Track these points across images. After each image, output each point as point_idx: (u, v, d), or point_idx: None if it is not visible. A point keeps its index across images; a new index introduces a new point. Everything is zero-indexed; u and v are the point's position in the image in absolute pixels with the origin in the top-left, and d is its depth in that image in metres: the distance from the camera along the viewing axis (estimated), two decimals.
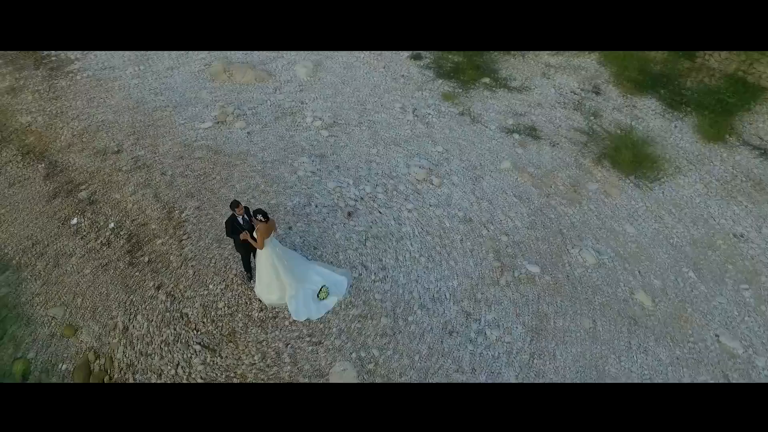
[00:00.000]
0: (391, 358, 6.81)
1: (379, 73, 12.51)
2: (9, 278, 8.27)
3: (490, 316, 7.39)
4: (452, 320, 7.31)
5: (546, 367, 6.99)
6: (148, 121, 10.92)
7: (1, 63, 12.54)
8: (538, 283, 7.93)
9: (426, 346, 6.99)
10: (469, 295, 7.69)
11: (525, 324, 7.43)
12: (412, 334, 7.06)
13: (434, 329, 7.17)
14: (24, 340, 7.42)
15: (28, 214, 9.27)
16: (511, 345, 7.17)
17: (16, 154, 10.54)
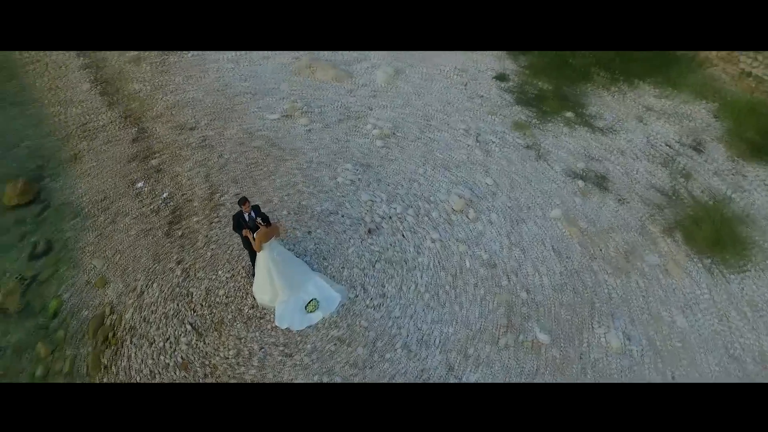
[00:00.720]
0: None
1: (457, 89, 11.99)
2: (76, 224, 9.47)
3: (473, 376, 6.75)
4: (431, 370, 6.81)
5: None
6: (227, 105, 11.72)
7: None
8: (542, 354, 7.04)
9: None
10: (461, 347, 7.10)
11: None
12: (383, 373, 6.72)
13: (408, 374, 6.74)
14: (66, 281, 8.47)
15: (109, 171, 10.52)
16: None
17: (119, 116, 12.01)
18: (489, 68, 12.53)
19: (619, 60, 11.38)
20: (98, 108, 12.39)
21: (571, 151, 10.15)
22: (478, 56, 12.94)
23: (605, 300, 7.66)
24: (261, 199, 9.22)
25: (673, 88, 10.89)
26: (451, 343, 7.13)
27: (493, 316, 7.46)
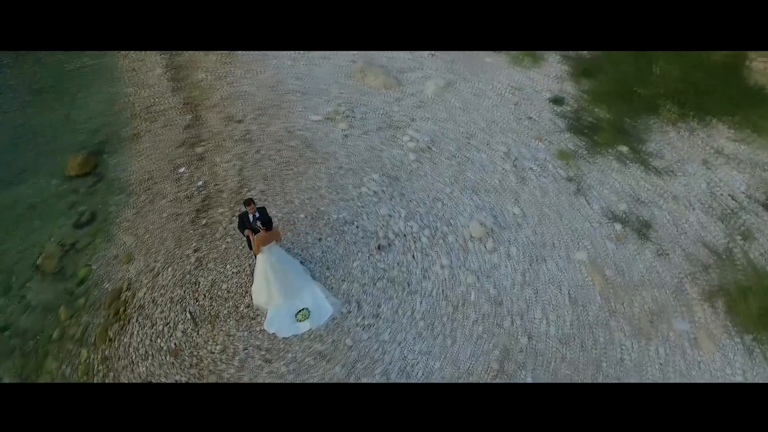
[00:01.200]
0: None
1: (507, 108, 11.40)
2: (120, 200, 10.19)
3: None
4: None
5: None
6: (276, 101, 12.04)
7: None
8: None
9: None
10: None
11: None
12: None
13: None
14: (98, 252, 9.15)
15: (159, 153, 11.21)
16: None
17: (180, 102, 12.75)
18: (546, 89, 11.78)
19: (694, 92, 10.18)
20: (164, 92, 13.24)
21: (617, 189, 9.27)
22: (536, 75, 12.23)
23: (615, 363, 6.91)
24: (283, 200, 9.38)
25: (752, 130, 9.57)
26: (434, 379, 6.80)
27: (486, 358, 7.02)
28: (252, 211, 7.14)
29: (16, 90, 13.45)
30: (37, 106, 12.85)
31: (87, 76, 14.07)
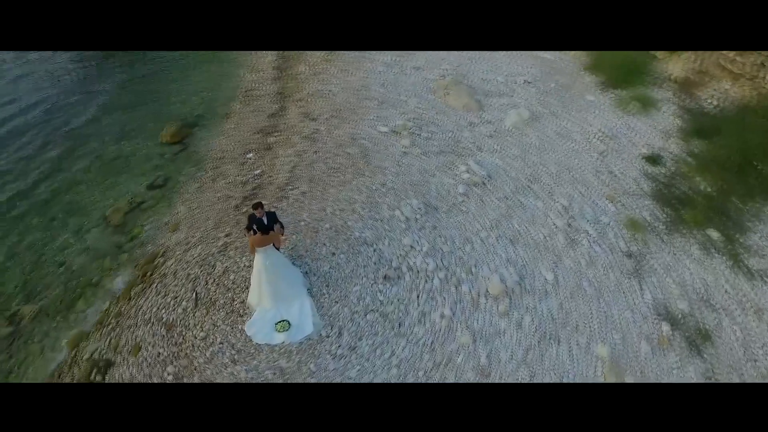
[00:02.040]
0: None
1: (588, 157, 10.06)
2: (191, 172, 11.19)
3: None
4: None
5: None
6: (353, 105, 12.16)
7: None
8: None
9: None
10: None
11: None
12: None
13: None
14: (156, 216, 10.17)
15: (239, 136, 12.06)
16: None
17: (275, 91, 13.60)
18: (644, 143, 10.13)
19: None
20: (267, 79, 14.19)
21: (684, 282, 7.63)
22: (639, 124, 10.57)
23: None
24: (318, 206, 9.45)
25: None
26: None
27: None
28: (260, 215, 7.26)
29: (145, 59, 15.45)
30: (159, 76, 14.65)
31: (209, 53, 15.55)
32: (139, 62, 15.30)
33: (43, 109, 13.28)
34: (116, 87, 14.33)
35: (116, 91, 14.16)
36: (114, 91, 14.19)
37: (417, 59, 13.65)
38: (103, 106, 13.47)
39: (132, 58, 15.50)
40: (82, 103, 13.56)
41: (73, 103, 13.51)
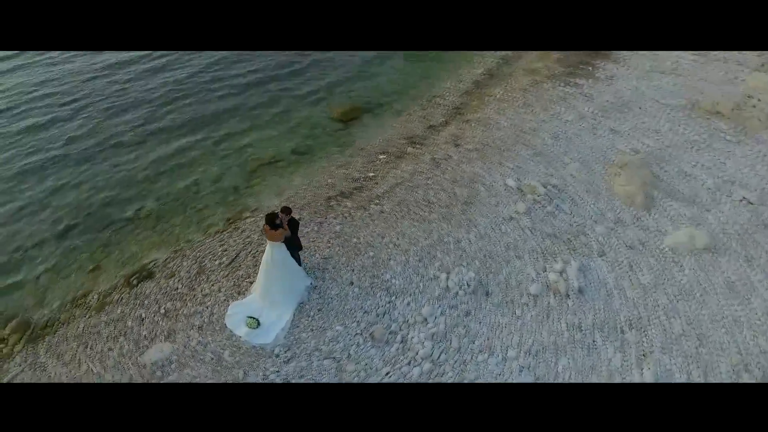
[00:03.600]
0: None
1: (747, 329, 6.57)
2: (332, 150, 11.86)
3: None
4: None
5: None
6: (504, 145, 10.85)
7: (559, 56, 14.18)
8: None
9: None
10: None
11: None
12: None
13: None
14: (276, 177, 11.18)
15: (391, 134, 12.19)
16: None
17: (455, 105, 13.13)
18: None
19: None
20: (457, 91, 13.78)
21: None
22: None
23: None
24: (380, 231, 8.92)
25: None
26: None
27: None
28: (283, 219, 7.27)
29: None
30: (382, 61, 15.68)
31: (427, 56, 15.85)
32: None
33: (256, 76, 15.90)
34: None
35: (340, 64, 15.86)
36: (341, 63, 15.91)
37: (621, 122, 11.01)
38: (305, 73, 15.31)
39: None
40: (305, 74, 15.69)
41: (286, 74, 15.66)
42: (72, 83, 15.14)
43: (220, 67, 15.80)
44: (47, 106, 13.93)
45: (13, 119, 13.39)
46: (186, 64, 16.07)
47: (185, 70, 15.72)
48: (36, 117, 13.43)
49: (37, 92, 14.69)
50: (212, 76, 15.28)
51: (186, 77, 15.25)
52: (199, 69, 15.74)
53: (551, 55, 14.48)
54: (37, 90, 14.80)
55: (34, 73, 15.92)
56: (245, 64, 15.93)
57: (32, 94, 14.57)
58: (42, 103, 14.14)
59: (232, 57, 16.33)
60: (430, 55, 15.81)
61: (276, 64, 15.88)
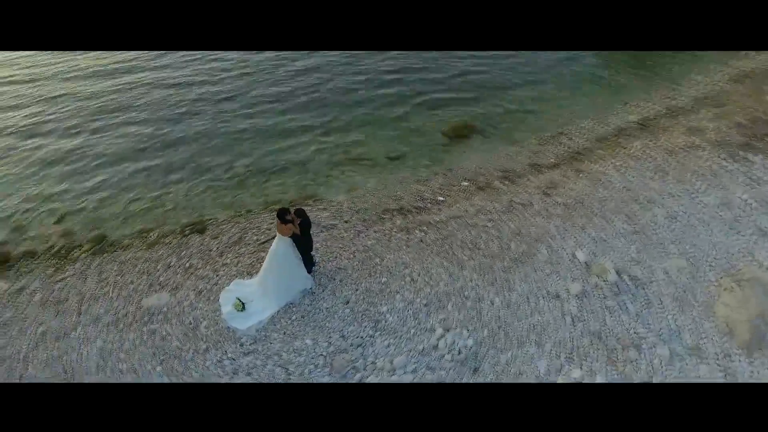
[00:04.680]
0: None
1: None
2: (419, 162, 11.36)
3: None
4: None
5: None
6: (600, 212, 9.07)
7: None
8: None
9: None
10: None
11: None
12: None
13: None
14: (359, 175, 11.10)
15: (489, 163, 11.13)
16: None
17: (590, 152, 11.27)
18: None
19: None
20: (592, 133, 11.92)
21: None
22: None
23: None
24: (406, 259, 8.28)
25: None
26: None
27: None
28: (294, 219, 7.22)
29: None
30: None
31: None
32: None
33: (396, 76, 15.73)
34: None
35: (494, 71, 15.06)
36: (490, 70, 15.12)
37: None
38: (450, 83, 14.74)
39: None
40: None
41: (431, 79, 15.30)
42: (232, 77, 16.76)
43: (367, 63, 16.15)
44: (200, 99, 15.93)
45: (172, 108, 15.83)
46: (329, 59, 16.67)
47: (325, 61, 16.40)
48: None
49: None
50: (356, 69, 15.70)
51: (326, 69, 15.87)
52: (344, 61, 16.34)
53: (733, 116, 11.44)
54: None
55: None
56: (392, 62, 16.07)
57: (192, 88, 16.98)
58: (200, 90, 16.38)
59: (377, 54, 16.61)
60: (609, 81, 14.03)
61: (423, 66, 15.64)
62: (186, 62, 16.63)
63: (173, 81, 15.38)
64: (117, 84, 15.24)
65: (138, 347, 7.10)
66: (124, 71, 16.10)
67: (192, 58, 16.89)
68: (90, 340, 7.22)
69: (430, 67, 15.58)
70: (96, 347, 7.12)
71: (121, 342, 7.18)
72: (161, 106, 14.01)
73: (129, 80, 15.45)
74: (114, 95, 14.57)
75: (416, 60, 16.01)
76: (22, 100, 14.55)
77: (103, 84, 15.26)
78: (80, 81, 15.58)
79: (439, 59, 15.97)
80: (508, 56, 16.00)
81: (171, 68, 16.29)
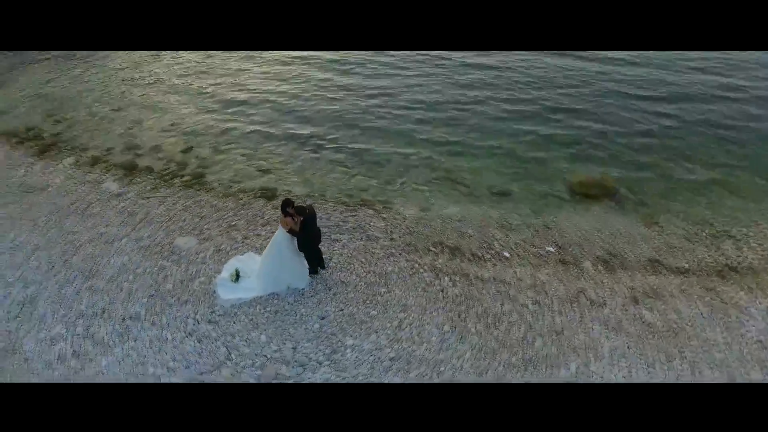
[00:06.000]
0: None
1: None
2: (523, 214, 9.84)
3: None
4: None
5: None
6: (715, 361, 6.43)
7: None
8: None
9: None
10: None
11: None
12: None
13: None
14: (416, 200, 10.27)
15: (595, 231, 9.08)
16: None
17: (740, 257, 8.43)
18: None
19: None
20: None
21: None
22: None
23: None
24: (402, 305, 7.24)
25: None
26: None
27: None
28: (295, 216, 6.95)
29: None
30: None
31: None
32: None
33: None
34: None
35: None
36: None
37: None
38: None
39: None
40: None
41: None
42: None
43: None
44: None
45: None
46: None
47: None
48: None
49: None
50: (525, 98, 14.19)
51: (491, 87, 14.73)
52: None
53: None
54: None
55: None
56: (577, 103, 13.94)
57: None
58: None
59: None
60: None
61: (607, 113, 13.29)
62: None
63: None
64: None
65: (145, 275, 7.81)
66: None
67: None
68: (120, 254, 8.23)
69: (616, 117, 12.93)
70: (120, 262, 8.08)
71: (137, 266, 8.00)
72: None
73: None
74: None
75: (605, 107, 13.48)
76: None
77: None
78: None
79: (637, 109, 13.19)
80: (719, 125, 12.47)
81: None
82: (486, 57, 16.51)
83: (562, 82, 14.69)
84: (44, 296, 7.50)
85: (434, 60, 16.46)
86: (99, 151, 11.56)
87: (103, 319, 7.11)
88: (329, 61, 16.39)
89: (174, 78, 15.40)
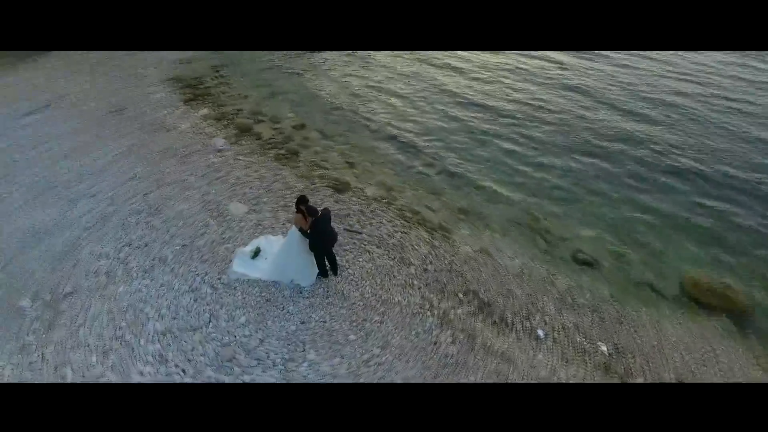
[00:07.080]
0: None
1: None
2: (567, 300, 8.35)
3: None
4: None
5: None
6: None
7: None
8: None
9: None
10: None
11: None
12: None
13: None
14: (477, 235, 9.14)
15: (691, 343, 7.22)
16: None
17: None
18: None
19: None
20: None
21: None
22: None
23: None
24: (385, 344, 6.58)
25: None
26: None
27: None
28: (305, 215, 6.79)
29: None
30: None
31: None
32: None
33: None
34: None
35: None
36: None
37: None
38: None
39: None
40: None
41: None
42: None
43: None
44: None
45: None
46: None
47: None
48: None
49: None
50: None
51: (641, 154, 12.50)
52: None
53: None
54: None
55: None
56: None
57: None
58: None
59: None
60: None
61: None
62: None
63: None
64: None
65: (190, 226, 8.52)
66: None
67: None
68: (186, 201, 9.11)
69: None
70: (181, 208, 8.94)
71: (190, 215, 8.76)
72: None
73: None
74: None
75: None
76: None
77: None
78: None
79: None
80: None
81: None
82: (651, 108, 14.06)
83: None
84: (115, 219, 8.71)
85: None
86: (230, 109, 12.96)
87: (141, 252, 7.96)
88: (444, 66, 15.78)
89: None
